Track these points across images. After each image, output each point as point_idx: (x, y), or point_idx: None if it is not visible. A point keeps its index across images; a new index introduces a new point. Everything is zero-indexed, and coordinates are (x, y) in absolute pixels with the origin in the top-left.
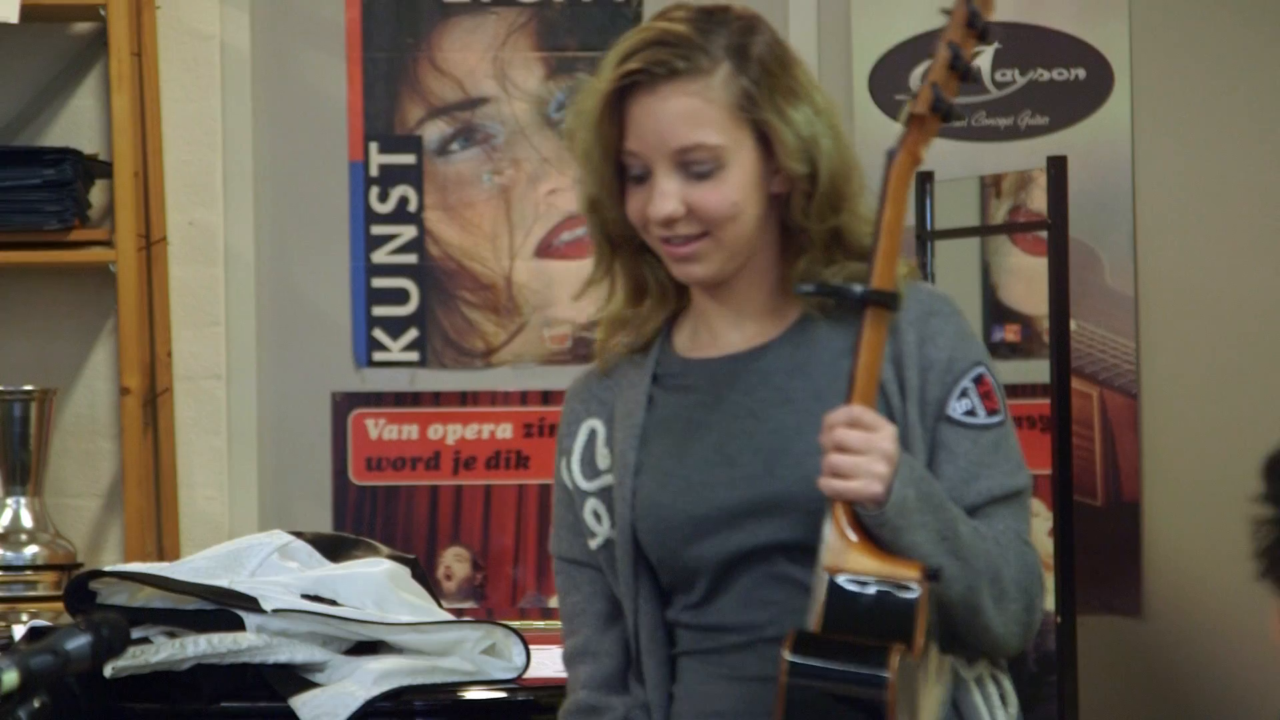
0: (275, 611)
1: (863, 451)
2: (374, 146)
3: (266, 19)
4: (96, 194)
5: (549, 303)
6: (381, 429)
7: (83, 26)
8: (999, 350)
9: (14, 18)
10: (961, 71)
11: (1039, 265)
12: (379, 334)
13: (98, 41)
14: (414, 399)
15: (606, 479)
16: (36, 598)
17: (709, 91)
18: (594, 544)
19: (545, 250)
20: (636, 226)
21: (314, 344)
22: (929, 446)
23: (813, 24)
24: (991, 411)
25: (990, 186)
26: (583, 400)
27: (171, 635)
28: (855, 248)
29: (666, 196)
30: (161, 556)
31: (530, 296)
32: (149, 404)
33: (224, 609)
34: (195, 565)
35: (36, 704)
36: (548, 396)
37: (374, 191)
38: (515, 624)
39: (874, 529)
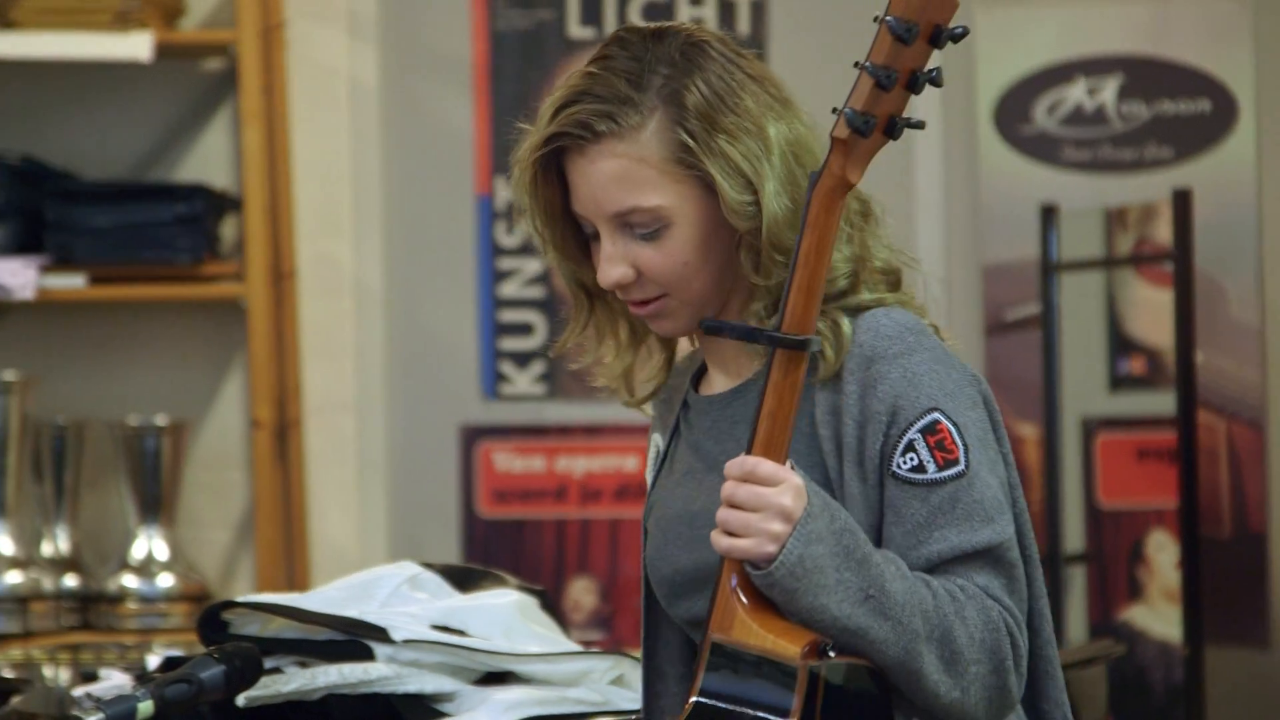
0: (405, 642)
1: (755, 509)
2: (500, 180)
3: (394, 55)
4: (227, 229)
5: None
6: (509, 461)
7: (213, 64)
8: (1124, 383)
9: (147, 56)
10: (904, 85)
11: (1164, 297)
12: (506, 366)
13: (228, 78)
14: (541, 431)
15: None
16: (170, 629)
17: (640, 149)
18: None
19: None
20: (605, 288)
21: (442, 376)
22: (877, 507)
23: (936, 53)
24: (946, 463)
25: (1115, 219)
26: (657, 410)
27: (303, 665)
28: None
29: (612, 262)
30: (292, 587)
31: None
32: (279, 436)
33: (354, 639)
34: (326, 596)
35: None
36: None
37: (500, 225)
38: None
39: (765, 591)
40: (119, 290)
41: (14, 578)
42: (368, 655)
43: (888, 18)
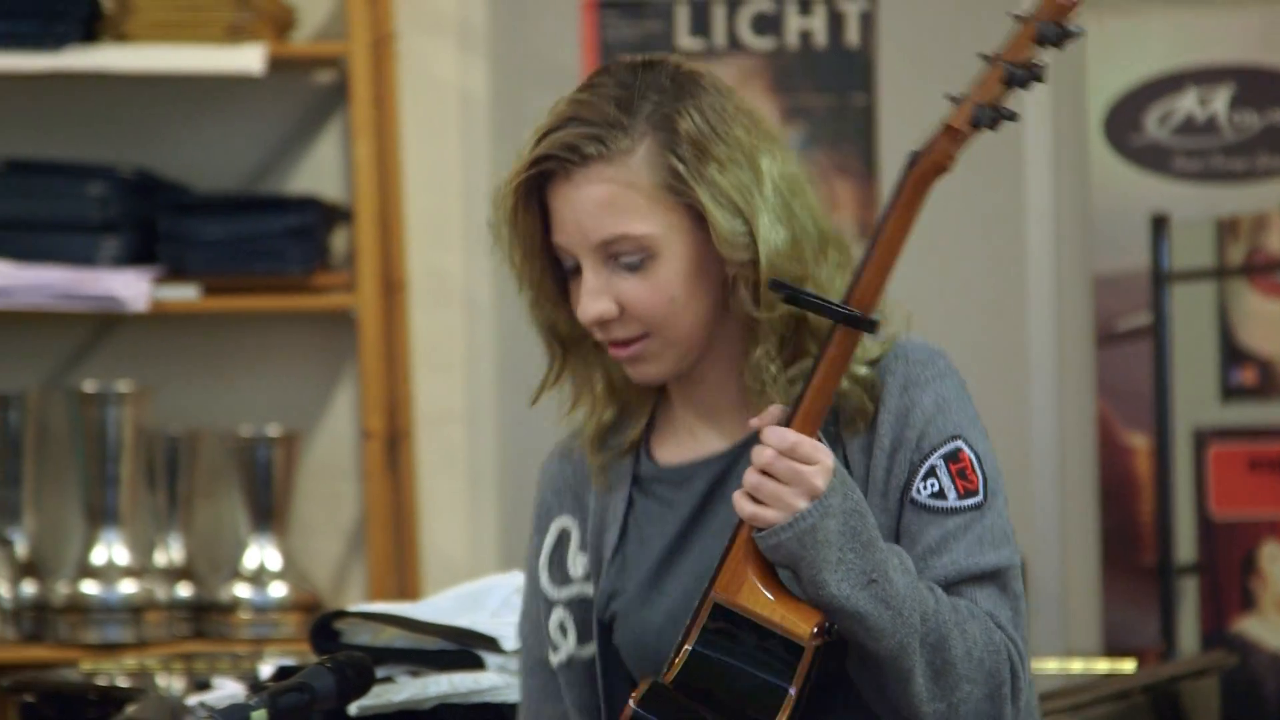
0: (515, 652)
1: (788, 483)
2: None
3: (504, 66)
4: (338, 240)
5: None
6: None
7: (324, 76)
8: (1236, 393)
9: (259, 69)
10: (1020, 83)
11: (1276, 308)
12: None
13: (339, 90)
14: None
15: (578, 589)
16: (282, 638)
17: (628, 174)
18: (556, 659)
19: None
20: (585, 328)
21: None
22: (893, 531)
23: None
24: (966, 492)
25: (1226, 229)
26: (555, 491)
27: (414, 674)
28: (816, 334)
29: (594, 295)
30: (403, 597)
31: None
32: (390, 446)
33: (465, 649)
34: (437, 605)
35: None
36: None
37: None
38: None
39: (767, 553)
40: (231, 301)
41: (128, 587)
42: (479, 665)
43: (1036, 20)
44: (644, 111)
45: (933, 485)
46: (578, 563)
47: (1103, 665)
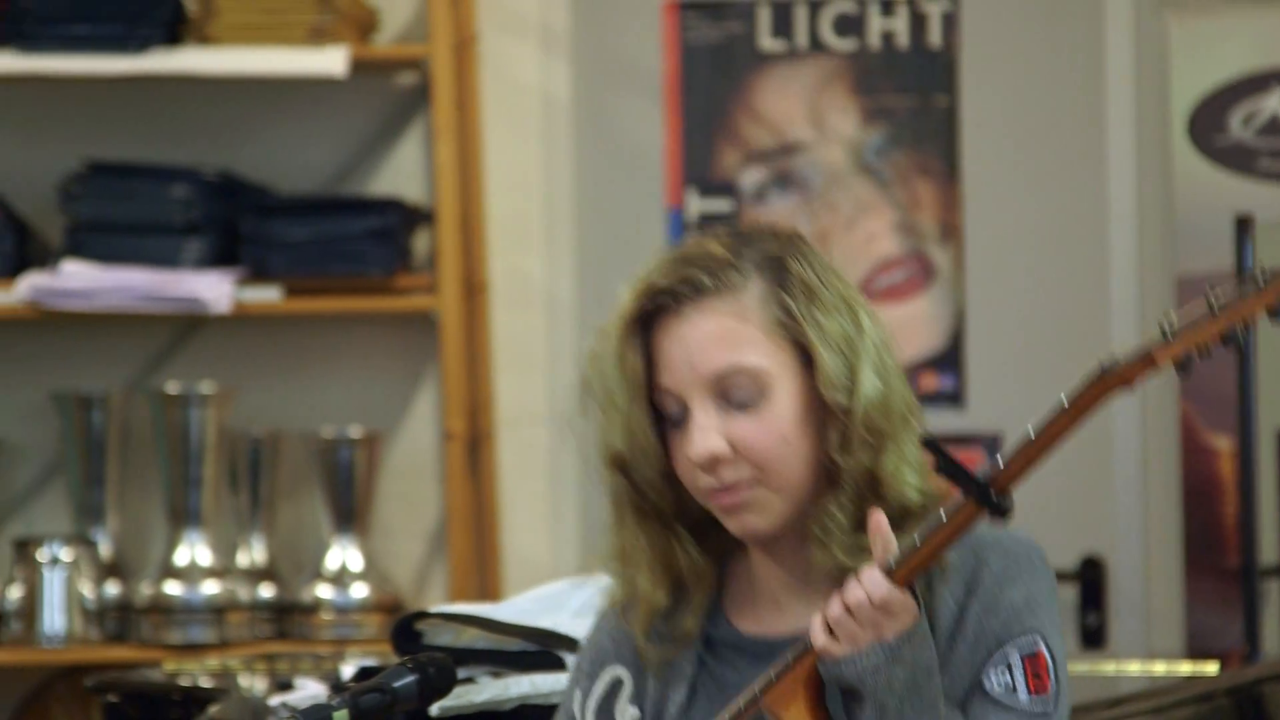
0: None
1: (867, 628)
2: (692, 193)
3: (586, 68)
4: (420, 242)
5: None
6: None
7: (406, 78)
8: None
9: (341, 71)
10: (1234, 342)
11: None
12: None
13: (421, 93)
14: None
15: None
16: (364, 639)
17: (742, 309)
18: None
19: (863, 294)
20: (686, 484)
21: None
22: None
23: (1130, 64)
24: (1038, 693)
25: None
26: (614, 639)
27: (496, 676)
28: (896, 501)
29: (706, 432)
30: (484, 598)
31: None
32: (472, 448)
33: (547, 650)
34: (518, 607)
35: None
36: None
37: (691, 238)
38: None
39: (828, 679)
40: (313, 303)
41: (211, 588)
42: (560, 666)
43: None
44: (753, 256)
45: (1005, 680)
46: (626, 714)
47: (1185, 667)
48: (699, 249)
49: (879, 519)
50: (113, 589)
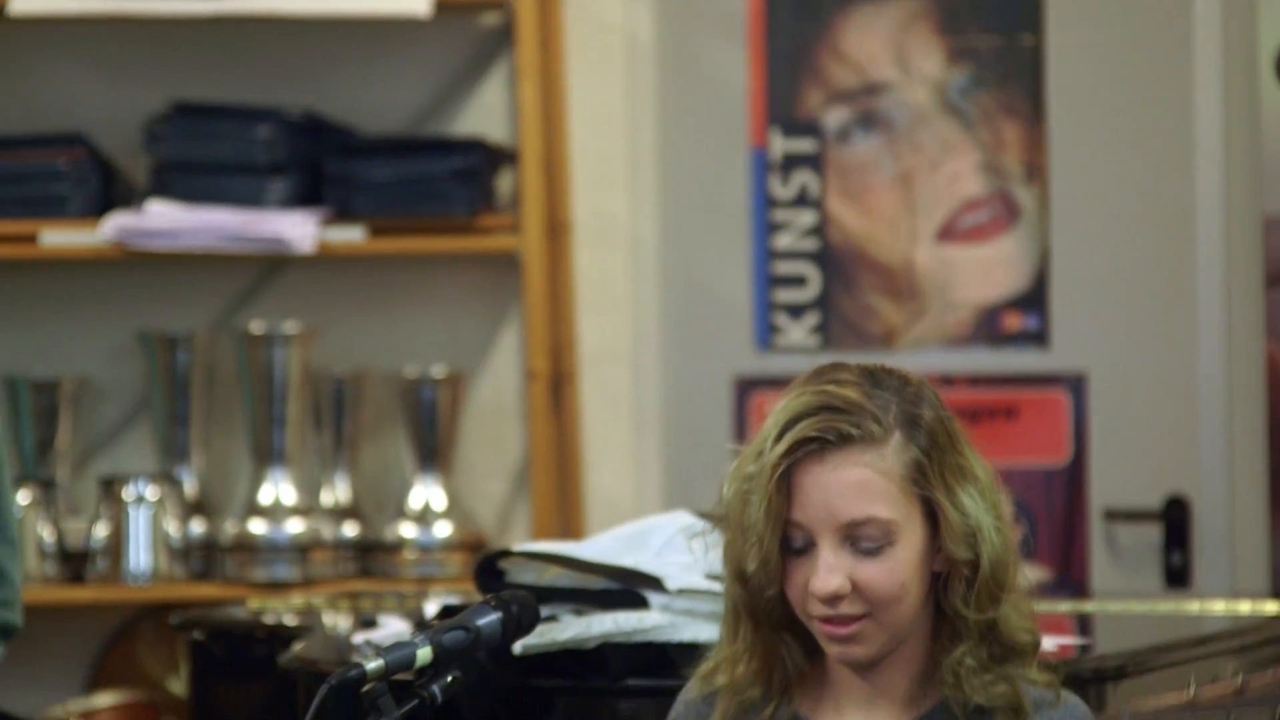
0: (680, 591)
1: None
2: (775, 133)
3: (669, 8)
4: (503, 182)
5: (950, 286)
6: None
7: (490, 19)
8: None
9: (425, 12)
10: None
11: None
12: (779, 318)
13: (505, 33)
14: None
15: None
16: (447, 577)
17: (882, 462)
18: None
19: (947, 234)
20: (794, 603)
21: (715, 328)
22: None
23: (1217, 1)
24: None
25: None
26: (697, 711)
27: (578, 613)
28: (1010, 642)
29: (833, 571)
30: (566, 537)
31: (931, 280)
32: (554, 388)
33: (629, 588)
34: (601, 545)
35: (449, 679)
36: (949, 380)
37: (775, 177)
38: None
39: None
40: (396, 243)
41: (295, 526)
42: (642, 604)
43: None
44: (892, 407)
45: None
46: None
47: (1271, 607)
48: (839, 395)
49: None
50: (198, 527)
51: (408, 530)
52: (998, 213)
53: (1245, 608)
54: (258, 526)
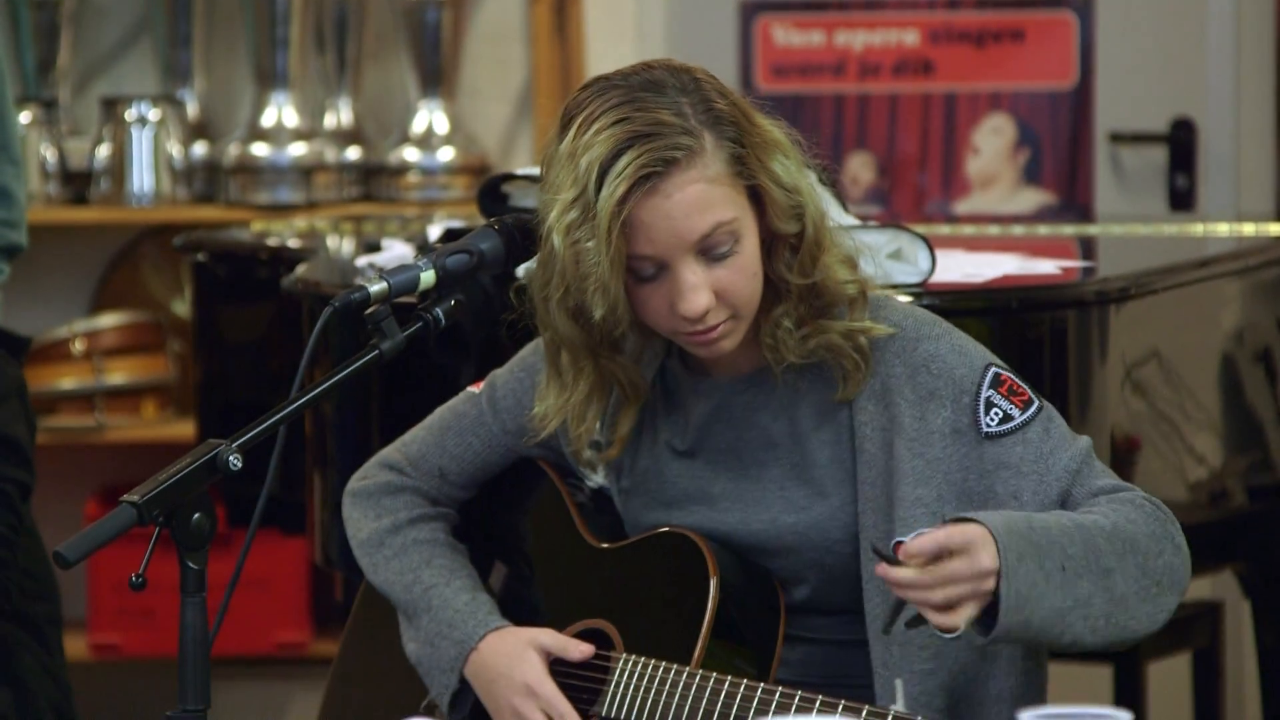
0: None
1: (967, 580)
2: None
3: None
4: None
5: None
6: (788, 36)
7: None
8: None
9: None
10: None
11: None
12: None
13: None
14: (820, 5)
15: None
16: (450, 200)
17: (708, 170)
18: (590, 483)
19: None
20: (656, 326)
21: None
22: (963, 470)
23: None
24: (1025, 405)
25: None
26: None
27: None
28: (832, 298)
29: (697, 290)
30: None
31: None
32: (558, 9)
33: None
34: None
35: (452, 302)
36: (954, 3)
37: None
38: (920, 228)
39: (1005, 640)
40: None
41: (298, 149)
42: None
43: None
44: (689, 113)
45: (997, 413)
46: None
47: (1275, 228)
48: (646, 120)
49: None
50: (200, 150)
51: (411, 154)
52: None
53: (1249, 229)
54: (260, 149)
